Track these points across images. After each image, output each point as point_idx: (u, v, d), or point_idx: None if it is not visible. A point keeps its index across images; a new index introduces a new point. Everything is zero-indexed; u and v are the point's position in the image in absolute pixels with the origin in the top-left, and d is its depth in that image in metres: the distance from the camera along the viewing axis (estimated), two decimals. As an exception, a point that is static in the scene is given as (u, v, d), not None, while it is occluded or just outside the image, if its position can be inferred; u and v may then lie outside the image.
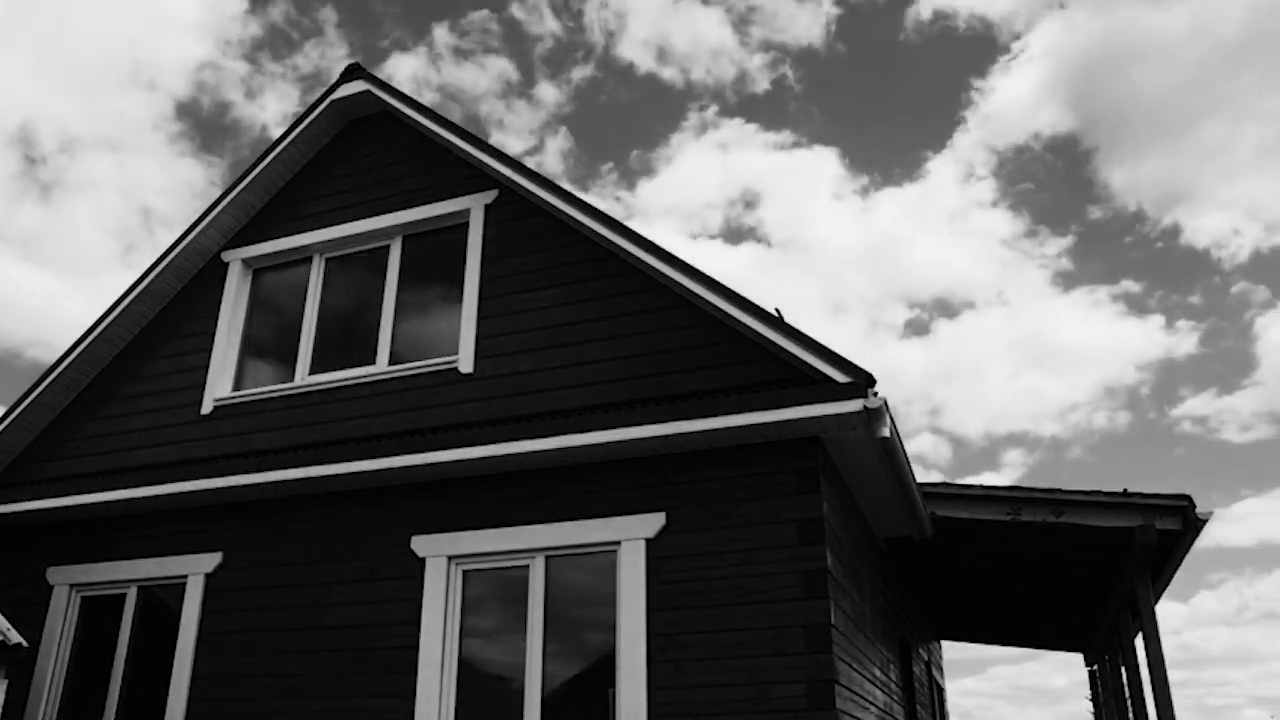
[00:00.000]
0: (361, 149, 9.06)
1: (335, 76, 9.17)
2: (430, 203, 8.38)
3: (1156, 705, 8.48)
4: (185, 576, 7.73)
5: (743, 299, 6.63)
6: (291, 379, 8.34)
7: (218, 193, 9.09)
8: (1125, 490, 7.86)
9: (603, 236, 7.39)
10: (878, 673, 7.92)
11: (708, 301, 6.80)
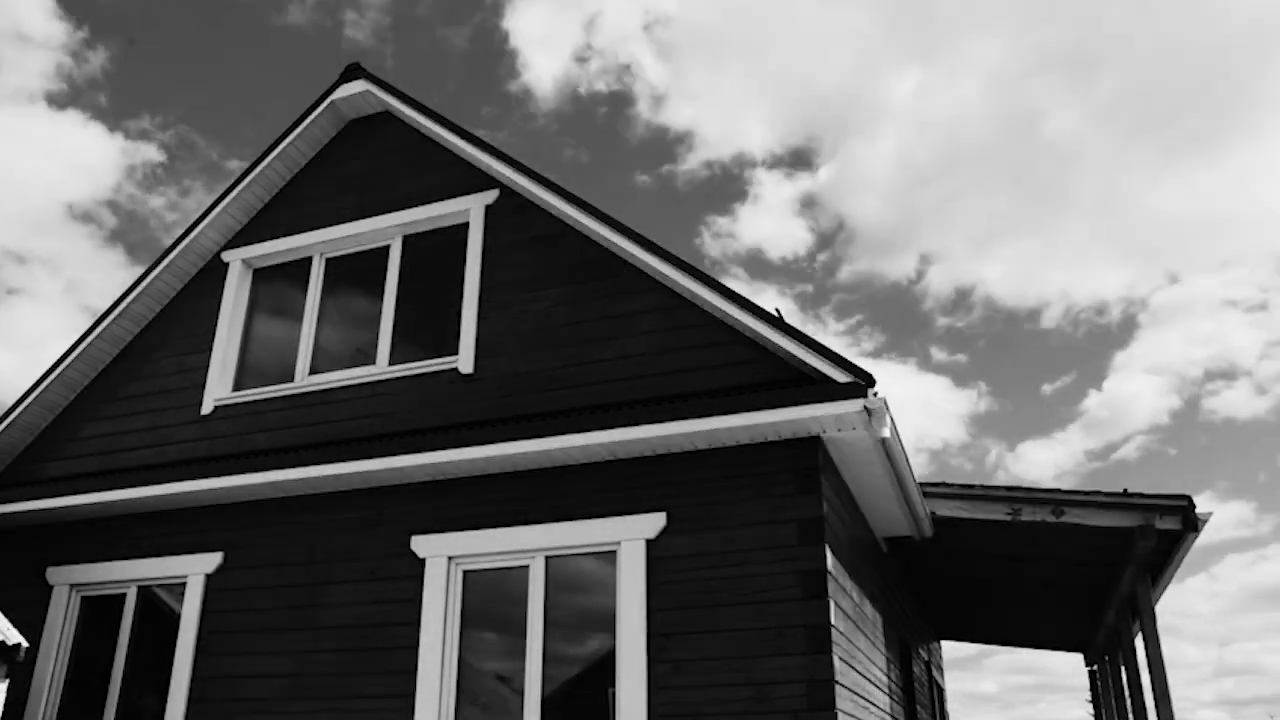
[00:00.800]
0: (362, 149, 9.06)
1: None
2: (430, 203, 8.38)
3: (1156, 705, 8.48)
4: (185, 576, 7.72)
5: (743, 299, 6.63)
6: (291, 379, 8.34)
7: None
8: (1125, 490, 7.86)
9: (603, 236, 7.38)
10: (878, 673, 7.93)
11: (708, 301, 6.80)
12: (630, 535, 6.39)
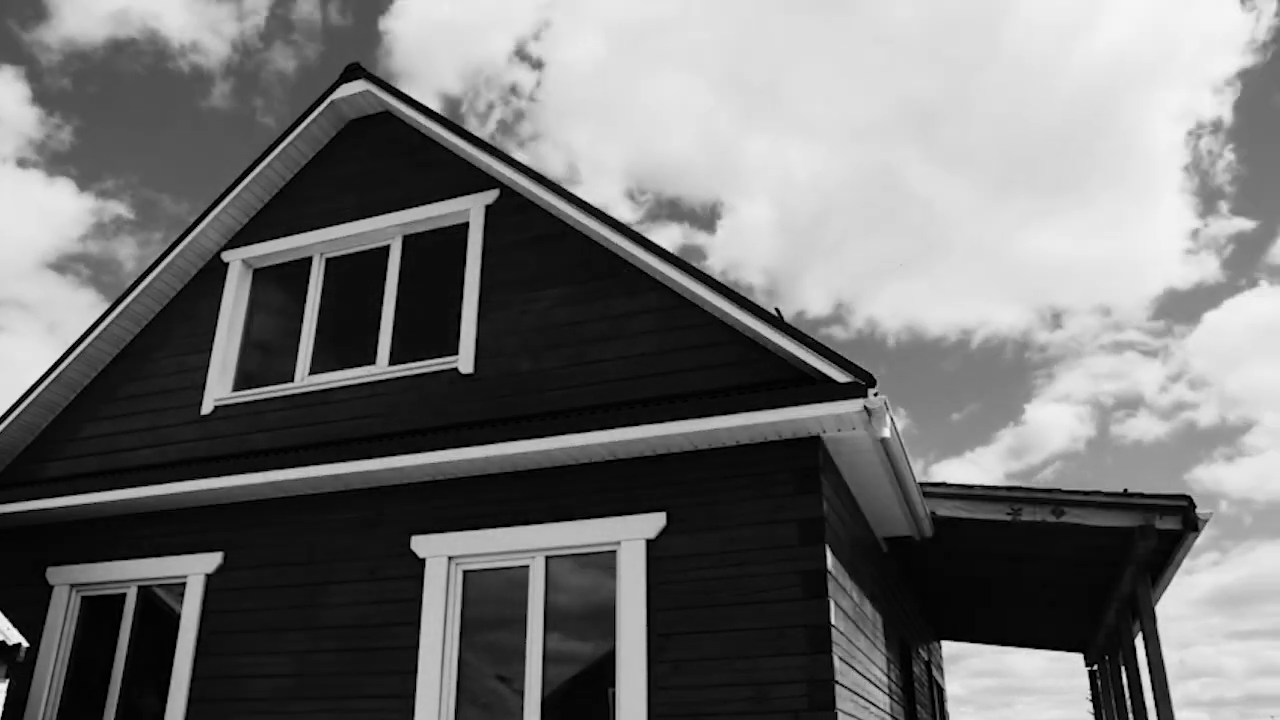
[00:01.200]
0: (362, 149, 9.06)
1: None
2: (430, 203, 8.37)
3: (1156, 706, 8.48)
4: (185, 576, 7.72)
5: (743, 299, 6.63)
6: (292, 379, 8.34)
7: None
8: (1125, 490, 7.86)
9: (603, 236, 7.38)
10: (878, 673, 7.92)
11: (708, 301, 6.79)
12: (630, 535, 6.39)
